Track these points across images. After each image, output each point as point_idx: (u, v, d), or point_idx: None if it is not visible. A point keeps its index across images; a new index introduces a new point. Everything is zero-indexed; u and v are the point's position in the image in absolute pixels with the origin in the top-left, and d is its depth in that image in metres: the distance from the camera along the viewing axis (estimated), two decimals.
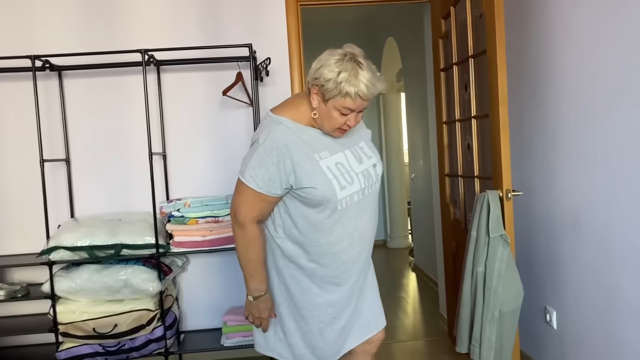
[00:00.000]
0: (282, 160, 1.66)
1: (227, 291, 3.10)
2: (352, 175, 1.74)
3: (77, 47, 2.93)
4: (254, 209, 1.72)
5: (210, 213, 2.70)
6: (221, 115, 3.07)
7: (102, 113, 3.01)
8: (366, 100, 1.65)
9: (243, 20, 3.06)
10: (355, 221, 1.76)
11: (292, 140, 1.69)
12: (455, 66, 2.94)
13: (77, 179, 3.02)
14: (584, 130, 2.25)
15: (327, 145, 1.74)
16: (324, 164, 1.70)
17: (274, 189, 1.69)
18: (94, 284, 2.62)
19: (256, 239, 1.75)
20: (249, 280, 1.79)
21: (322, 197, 1.68)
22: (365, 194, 1.77)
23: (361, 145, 1.84)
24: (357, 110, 1.68)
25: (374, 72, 1.66)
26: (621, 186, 2.03)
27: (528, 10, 2.65)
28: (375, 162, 1.85)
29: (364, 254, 1.84)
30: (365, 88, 1.62)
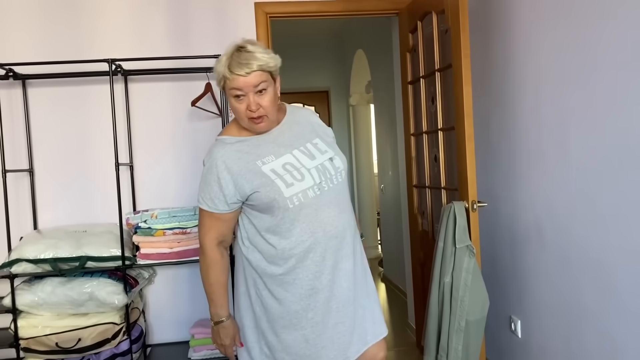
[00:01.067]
0: (222, 177, 1.71)
1: (194, 304, 3.07)
2: (303, 172, 1.71)
3: (43, 55, 2.88)
4: (211, 229, 1.77)
5: (177, 224, 2.67)
6: (190, 126, 3.05)
7: (67, 123, 2.96)
8: (240, 74, 1.62)
9: (212, 31, 3.06)
10: (316, 217, 1.71)
11: (229, 155, 1.72)
12: (423, 79, 3.00)
13: (41, 189, 2.95)
14: (545, 143, 2.31)
15: (272, 150, 1.74)
16: (267, 168, 1.70)
17: (220, 206, 1.73)
18: (57, 297, 2.55)
19: (215, 263, 1.78)
20: (210, 305, 1.81)
21: (268, 199, 1.67)
22: (324, 189, 1.73)
23: (315, 142, 1.81)
24: (244, 89, 1.65)
25: (248, 50, 1.65)
26: (580, 198, 2.10)
27: (492, 25, 2.72)
28: (332, 155, 1.80)
29: (334, 251, 1.75)
30: (227, 60, 1.64)
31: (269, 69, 1.68)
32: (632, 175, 1.82)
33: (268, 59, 1.66)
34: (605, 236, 1.97)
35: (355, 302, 1.80)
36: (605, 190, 1.95)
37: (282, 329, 1.76)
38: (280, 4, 3.12)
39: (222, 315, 1.80)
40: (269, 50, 1.71)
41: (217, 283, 1.79)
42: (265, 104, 1.68)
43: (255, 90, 1.65)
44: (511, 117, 2.59)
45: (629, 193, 1.84)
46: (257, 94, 1.67)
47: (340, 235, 1.75)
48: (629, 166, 1.83)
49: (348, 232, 1.79)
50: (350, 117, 6.67)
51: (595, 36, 1.96)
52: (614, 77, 1.88)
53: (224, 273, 1.80)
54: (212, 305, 1.80)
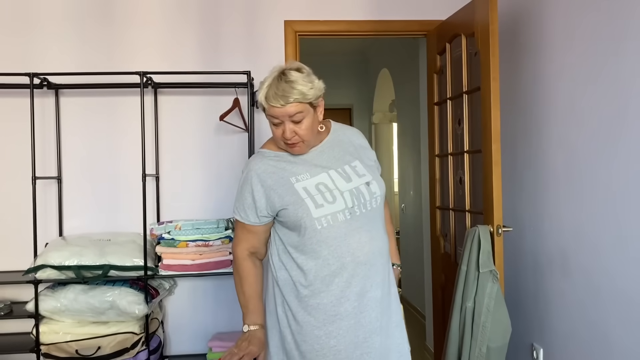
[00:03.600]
0: (255, 189, 1.70)
1: (213, 316, 3.07)
2: (335, 194, 1.67)
3: (76, 66, 2.94)
4: (243, 240, 1.78)
5: (200, 237, 2.69)
6: (216, 140, 3.08)
7: (96, 132, 3.02)
8: (276, 106, 1.61)
9: (242, 47, 3.10)
10: (345, 242, 1.65)
11: (266, 168, 1.72)
12: (449, 101, 2.99)
13: (68, 197, 3.00)
14: (573, 170, 2.29)
15: (308, 168, 1.71)
16: (300, 186, 1.67)
17: (252, 218, 1.73)
18: (79, 304, 2.58)
19: (248, 273, 1.78)
20: (244, 312, 1.78)
21: (296, 217, 1.65)
22: (356, 214, 1.67)
23: (354, 164, 1.76)
24: (280, 118, 1.63)
25: (289, 79, 1.62)
26: (608, 227, 2.06)
27: (522, 50, 2.71)
28: (369, 180, 1.74)
29: (362, 278, 1.67)
30: (267, 90, 1.62)
31: (307, 100, 1.64)
32: None
33: (307, 90, 1.62)
34: (634, 268, 1.93)
35: (382, 332, 1.72)
36: (636, 221, 1.92)
37: (306, 354, 1.70)
38: (309, 23, 3.15)
39: (257, 321, 1.76)
40: (312, 79, 1.67)
41: (251, 292, 1.78)
42: (302, 132, 1.66)
43: (290, 119, 1.63)
44: (539, 142, 2.57)
45: None
46: (293, 123, 1.64)
47: (369, 262, 1.68)
48: None
49: (379, 260, 1.72)
50: (372, 135, 6.68)
51: (629, 60, 1.94)
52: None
53: (257, 283, 1.79)
54: (247, 312, 1.77)
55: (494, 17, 2.41)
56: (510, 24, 2.81)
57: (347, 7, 3.17)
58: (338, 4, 3.16)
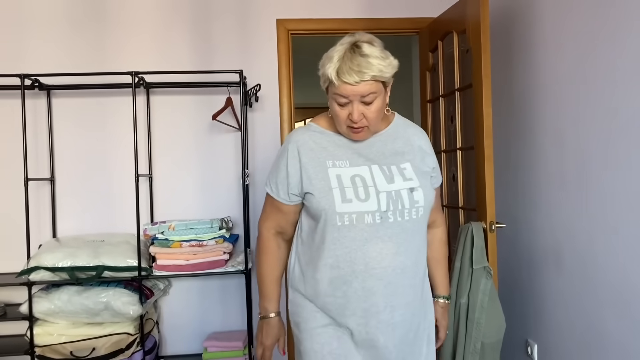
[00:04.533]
0: (292, 163, 1.53)
1: (208, 316, 3.07)
2: (371, 192, 1.46)
3: (67, 67, 2.93)
4: (269, 217, 1.63)
5: (194, 237, 2.69)
6: (209, 139, 3.08)
7: (89, 133, 3.01)
8: (348, 82, 1.40)
9: (235, 46, 3.10)
10: (362, 248, 1.45)
11: (306, 142, 1.54)
12: (442, 98, 3.00)
13: (61, 198, 2.99)
14: (565, 166, 2.29)
15: (350, 156, 1.52)
16: (334, 172, 1.49)
17: (282, 194, 1.56)
18: (73, 305, 2.57)
19: (269, 252, 1.63)
20: (260, 297, 1.66)
21: (318, 206, 1.47)
22: (389, 220, 1.46)
23: (403, 166, 1.54)
24: (351, 97, 1.43)
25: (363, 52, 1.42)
26: (601, 223, 2.07)
27: (514, 47, 2.72)
28: (416, 186, 1.51)
29: (373, 295, 1.46)
30: (339, 63, 1.41)
31: (383, 79, 1.44)
32: None
33: (384, 67, 1.42)
34: (627, 263, 1.94)
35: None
36: (628, 216, 1.93)
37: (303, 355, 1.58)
38: (302, 21, 3.15)
39: (270, 309, 1.63)
40: (386, 54, 1.46)
41: (269, 275, 1.63)
42: (371, 115, 1.46)
43: (361, 99, 1.43)
44: (531, 138, 2.57)
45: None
46: (362, 103, 1.44)
47: (386, 278, 1.46)
48: None
49: (402, 280, 1.48)
50: None
51: (620, 57, 1.95)
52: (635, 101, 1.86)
53: (277, 265, 1.64)
54: (261, 297, 1.65)
55: (485, 13, 2.42)
56: (502, 20, 2.81)
57: (339, 5, 3.17)
58: (331, 3, 3.16)
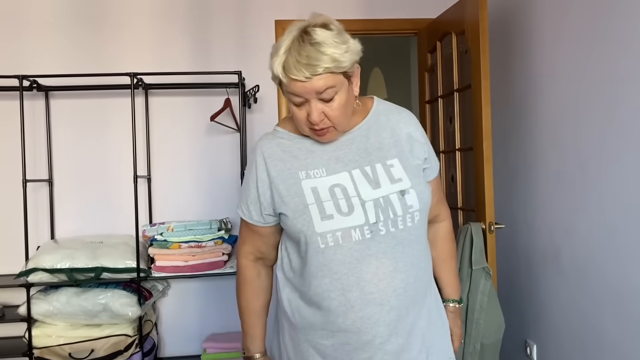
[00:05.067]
0: (261, 179, 1.30)
1: (207, 317, 3.06)
2: (354, 203, 1.22)
3: (66, 68, 2.92)
4: (246, 242, 1.41)
5: (193, 238, 2.68)
6: (208, 140, 3.07)
7: (87, 134, 3.00)
8: (297, 79, 1.15)
9: (233, 47, 3.09)
10: (355, 270, 1.20)
11: (274, 152, 1.30)
12: (441, 99, 3.00)
13: (59, 200, 2.98)
14: (564, 167, 2.30)
15: (327, 162, 1.27)
16: (309, 185, 1.25)
17: (255, 215, 1.34)
18: (72, 307, 2.57)
19: (247, 282, 1.41)
20: (242, 334, 1.45)
21: (294, 229, 1.24)
22: (380, 233, 1.21)
23: (390, 162, 1.28)
24: (305, 95, 1.18)
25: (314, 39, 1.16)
26: (600, 224, 2.07)
27: (513, 47, 2.72)
28: (407, 187, 1.25)
29: (374, 323, 1.21)
30: (285, 57, 1.16)
31: (341, 69, 1.18)
32: None
33: (340, 55, 1.16)
34: (624, 264, 1.94)
35: None
36: (627, 217, 1.93)
37: None
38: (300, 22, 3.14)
39: (253, 350, 1.42)
40: (344, 38, 1.20)
41: (248, 308, 1.41)
42: (333, 114, 1.21)
43: (318, 96, 1.19)
44: (531, 139, 2.57)
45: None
46: (321, 101, 1.20)
47: (388, 303, 1.21)
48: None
49: (404, 301, 1.23)
50: None
51: (618, 57, 1.95)
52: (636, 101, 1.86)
53: (258, 296, 1.42)
54: (243, 334, 1.43)
55: (484, 14, 2.42)
56: (501, 21, 2.82)
57: (338, 6, 3.17)
58: (329, 4, 3.16)
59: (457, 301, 1.51)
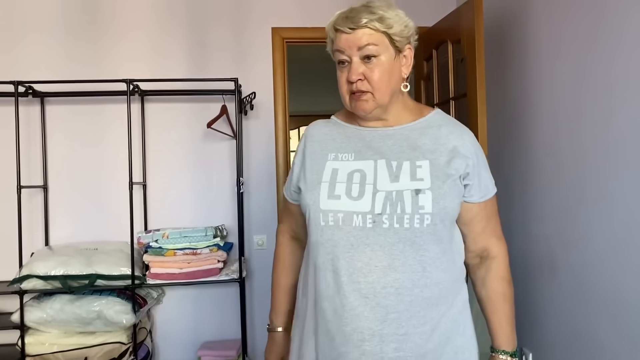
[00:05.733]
0: (298, 157, 1.38)
1: (202, 325, 3.05)
2: (366, 190, 1.21)
3: (62, 74, 2.92)
4: (283, 219, 1.51)
5: (188, 245, 2.67)
6: (204, 147, 3.07)
7: (83, 140, 2.99)
8: (342, 30, 1.22)
9: (230, 54, 3.10)
10: (347, 255, 1.19)
11: (315, 134, 1.37)
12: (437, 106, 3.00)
13: (54, 206, 2.97)
14: (560, 175, 2.30)
15: (359, 149, 1.29)
16: (331, 165, 1.28)
17: (287, 191, 1.43)
18: (65, 314, 2.55)
19: (280, 257, 1.48)
20: (270, 306, 1.52)
21: (304, 202, 1.29)
22: (382, 225, 1.18)
23: (419, 163, 1.24)
24: (346, 51, 1.22)
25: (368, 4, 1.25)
26: (596, 231, 2.08)
27: (509, 56, 2.73)
28: (424, 188, 1.20)
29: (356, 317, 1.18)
30: (338, 14, 1.26)
31: (387, 30, 1.21)
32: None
33: (388, 17, 1.21)
34: (618, 275, 1.94)
35: None
36: (624, 226, 1.93)
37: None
38: (297, 30, 3.16)
39: (276, 323, 1.48)
40: (401, 13, 1.25)
41: (278, 284, 1.48)
42: (373, 76, 1.21)
43: (360, 54, 1.21)
44: (527, 147, 2.58)
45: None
46: (364, 61, 1.22)
47: (375, 298, 1.17)
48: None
49: (399, 305, 1.18)
50: None
51: (615, 65, 1.96)
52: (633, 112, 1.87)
53: (288, 274, 1.47)
54: (271, 308, 1.50)
55: (479, 24, 2.43)
56: (497, 29, 2.83)
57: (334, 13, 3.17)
58: (325, 11, 3.15)
59: (508, 354, 1.32)
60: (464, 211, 1.30)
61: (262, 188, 3.13)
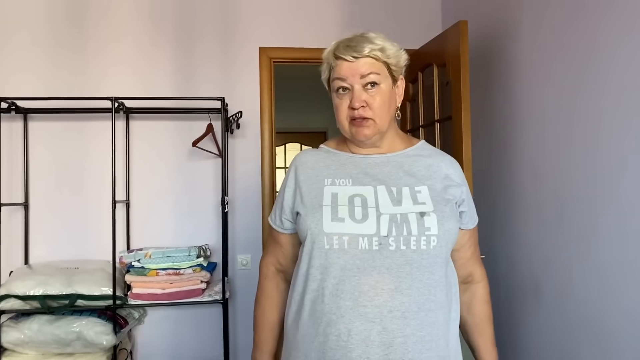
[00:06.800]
0: (289, 184, 1.36)
1: (184, 346, 3.00)
2: (370, 213, 1.21)
3: (46, 90, 2.90)
4: (269, 251, 1.46)
5: (171, 265, 2.64)
6: (189, 166, 3.05)
7: (66, 158, 2.96)
8: (345, 58, 1.26)
9: (217, 73, 3.10)
10: (353, 279, 1.17)
11: (307, 162, 1.37)
12: (422, 128, 3.03)
13: (35, 224, 2.92)
14: (543, 199, 2.32)
15: (356, 175, 1.30)
16: (330, 190, 1.27)
17: (277, 219, 1.38)
18: (44, 335, 2.50)
19: (265, 293, 1.43)
20: (253, 344, 1.47)
21: (304, 226, 1.25)
22: (389, 247, 1.18)
23: (418, 189, 1.26)
24: (348, 79, 1.26)
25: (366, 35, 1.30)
26: (579, 256, 2.09)
27: (494, 79, 2.77)
28: (428, 210, 1.22)
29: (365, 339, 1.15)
30: (336, 43, 1.30)
31: (387, 60, 1.27)
32: (631, 236, 1.82)
33: (387, 45, 1.27)
34: (605, 297, 1.96)
35: None
36: (606, 250, 1.95)
37: None
38: (284, 50, 3.17)
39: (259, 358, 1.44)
40: (397, 46, 1.31)
41: (262, 320, 1.42)
42: (375, 103, 1.25)
43: (362, 81, 1.25)
44: (510, 170, 2.61)
45: (630, 253, 1.84)
46: (365, 88, 1.26)
47: (382, 322, 1.15)
48: (628, 227, 1.84)
49: (406, 329, 1.16)
50: None
51: (599, 91, 1.99)
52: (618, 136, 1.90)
53: (273, 310, 1.42)
54: (254, 345, 1.45)
55: (464, 48, 2.46)
56: (482, 53, 2.87)
57: (320, 34, 3.21)
58: (312, 32, 3.20)
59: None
60: (458, 237, 1.32)
61: (247, 207, 3.11)
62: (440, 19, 3.35)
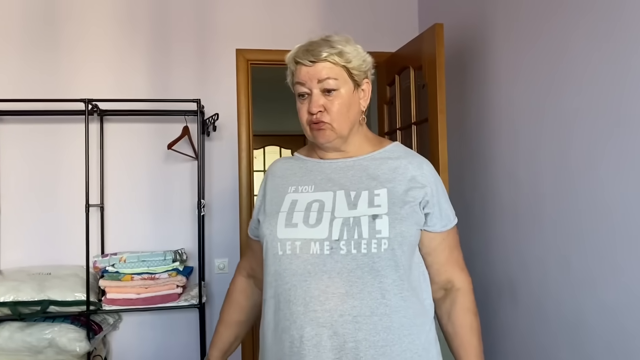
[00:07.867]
0: (260, 193, 1.40)
1: (160, 352, 2.96)
2: (324, 218, 1.22)
3: (18, 92, 2.83)
4: (244, 256, 1.54)
5: (146, 269, 2.60)
6: (165, 169, 3.01)
7: (38, 160, 2.90)
8: (303, 63, 1.25)
9: (193, 74, 3.07)
10: (303, 284, 1.18)
11: (277, 170, 1.40)
12: (399, 131, 3.04)
13: (6, 228, 2.85)
14: (518, 200, 2.35)
15: (319, 181, 1.31)
16: (291, 197, 1.29)
17: (251, 228, 1.46)
18: (14, 343, 2.44)
19: (230, 291, 1.51)
20: None
21: (261, 233, 1.30)
22: (340, 252, 1.17)
23: (377, 192, 1.25)
24: (306, 83, 1.25)
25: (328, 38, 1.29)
26: (554, 257, 2.11)
27: (469, 82, 2.79)
28: (381, 213, 1.20)
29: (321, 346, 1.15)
30: (297, 48, 1.29)
31: (346, 64, 1.25)
32: (604, 235, 1.85)
33: (347, 51, 1.26)
34: (579, 295, 1.98)
35: None
36: (580, 250, 1.97)
37: None
38: (261, 52, 3.16)
39: (210, 354, 1.49)
40: (359, 49, 1.30)
41: (221, 316, 1.50)
42: (333, 108, 1.25)
43: (320, 86, 1.24)
44: (485, 172, 2.63)
45: (603, 253, 1.86)
46: (324, 93, 1.25)
47: (332, 327, 1.15)
48: (602, 226, 1.86)
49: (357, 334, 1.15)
50: None
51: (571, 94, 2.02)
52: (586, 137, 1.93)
53: (233, 310, 1.49)
54: (212, 339, 1.52)
55: (440, 51, 2.48)
56: (458, 55, 2.89)
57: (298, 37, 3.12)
58: (290, 34, 3.19)
59: None
60: (427, 240, 1.30)
61: (224, 210, 3.08)
62: (417, 22, 3.37)
